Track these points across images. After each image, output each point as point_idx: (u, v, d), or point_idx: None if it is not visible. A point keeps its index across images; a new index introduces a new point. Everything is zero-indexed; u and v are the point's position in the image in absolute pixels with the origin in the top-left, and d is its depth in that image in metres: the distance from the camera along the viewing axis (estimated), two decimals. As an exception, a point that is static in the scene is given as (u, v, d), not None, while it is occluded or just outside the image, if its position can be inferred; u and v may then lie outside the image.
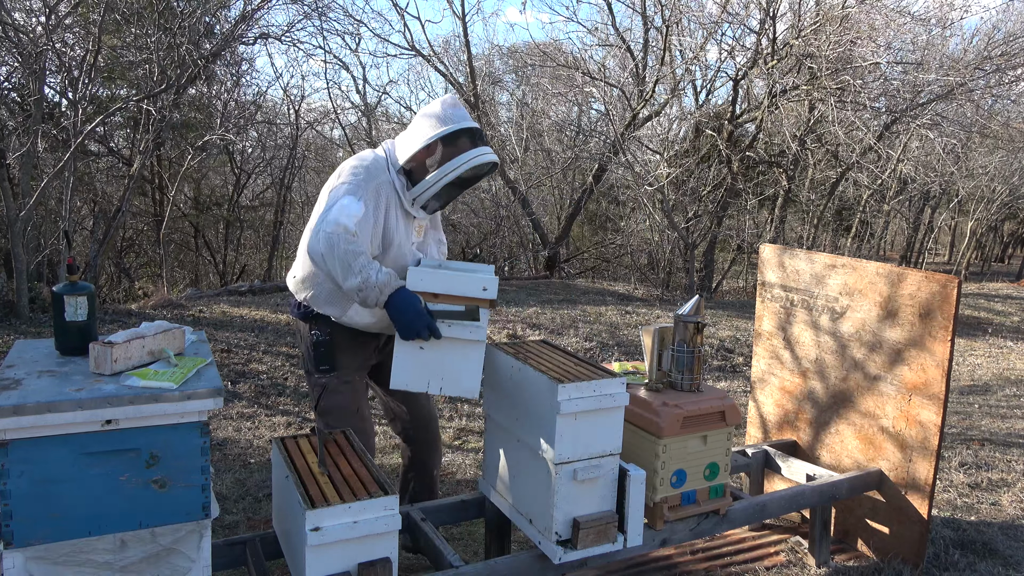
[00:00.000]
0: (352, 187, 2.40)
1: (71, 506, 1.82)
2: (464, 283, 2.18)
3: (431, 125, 2.46)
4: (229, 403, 4.95)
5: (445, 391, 2.26)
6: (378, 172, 2.47)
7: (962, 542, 3.39)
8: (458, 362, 2.23)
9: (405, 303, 2.23)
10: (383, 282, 2.24)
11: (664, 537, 2.62)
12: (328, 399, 2.67)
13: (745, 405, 5.10)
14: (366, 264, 2.25)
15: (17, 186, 7.78)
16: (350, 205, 2.32)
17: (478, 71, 12.64)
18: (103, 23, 7.79)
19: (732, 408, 2.65)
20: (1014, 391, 6.67)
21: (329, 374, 2.65)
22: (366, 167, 2.47)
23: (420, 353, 2.17)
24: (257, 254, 15.86)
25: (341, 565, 2.07)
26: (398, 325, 2.24)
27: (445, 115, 2.47)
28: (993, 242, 23.55)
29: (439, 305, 2.21)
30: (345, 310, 2.57)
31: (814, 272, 3.37)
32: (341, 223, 2.26)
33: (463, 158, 2.43)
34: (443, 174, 2.43)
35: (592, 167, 12.46)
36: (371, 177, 2.44)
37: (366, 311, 2.54)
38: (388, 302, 2.25)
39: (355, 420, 2.68)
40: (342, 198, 2.35)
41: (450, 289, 2.14)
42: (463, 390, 2.28)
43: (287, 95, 14.30)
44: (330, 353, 2.62)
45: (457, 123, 2.45)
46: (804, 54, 10.10)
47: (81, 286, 2.10)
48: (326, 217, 2.30)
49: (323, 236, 2.26)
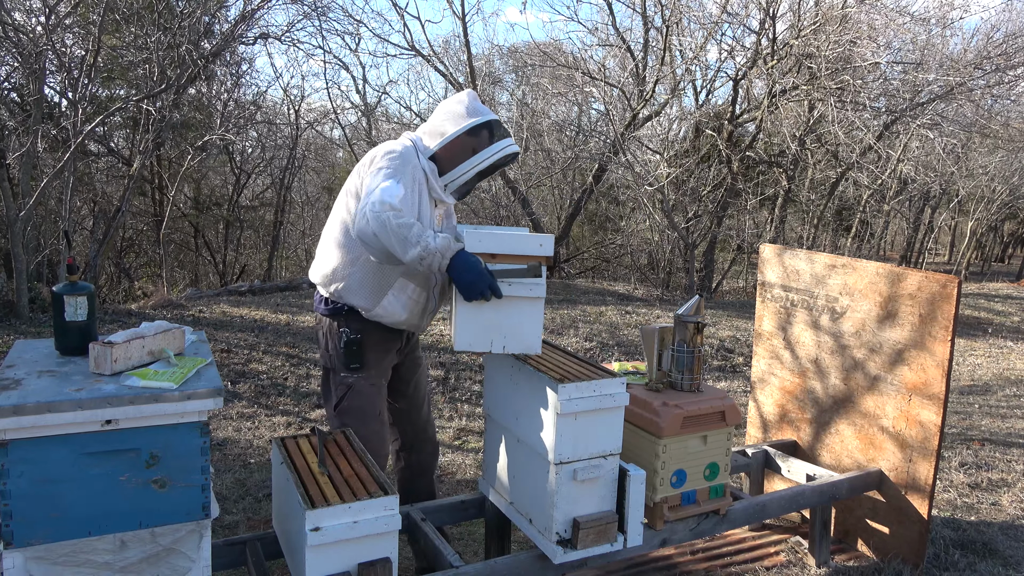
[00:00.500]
0: (391, 171, 2.44)
1: (71, 506, 1.82)
2: (521, 242, 2.21)
3: (461, 115, 2.57)
4: (229, 403, 4.95)
5: (508, 349, 2.27)
6: (411, 157, 2.53)
7: (962, 542, 3.39)
8: (520, 320, 2.25)
9: (467, 264, 2.24)
10: (443, 246, 2.25)
11: (664, 537, 2.62)
12: (352, 399, 2.64)
13: (745, 405, 5.10)
14: (421, 232, 2.26)
15: (17, 186, 7.78)
16: (392, 187, 2.36)
17: (478, 71, 12.64)
18: (103, 23, 7.79)
19: (732, 408, 2.65)
20: (1014, 391, 6.67)
21: (357, 373, 2.63)
22: (400, 153, 2.51)
23: (482, 314, 2.19)
24: (257, 254, 15.86)
25: (341, 565, 2.07)
26: (461, 286, 2.25)
27: (473, 108, 2.59)
28: (993, 242, 23.55)
29: (498, 265, 2.24)
30: (378, 301, 2.56)
31: (814, 272, 3.37)
32: (386, 202, 2.29)
33: (497, 147, 2.56)
34: (477, 161, 2.55)
35: (592, 167, 12.46)
36: (406, 162, 2.50)
37: (399, 305, 2.56)
38: (450, 265, 2.26)
39: (375, 423, 2.66)
40: (383, 182, 2.39)
41: (508, 248, 2.17)
42: (526, 347, 2.30)
43: (287, 95, 14.32)
44: (361, 352, 2.61)
45: (485, 115, 2.58)
46: (804, 54, 10.10)
47: (81, 286, 2.10)
48: (369, 199, 2.33)
49: (371, 216, 2.28)
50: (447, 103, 2.65)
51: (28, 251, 7.43)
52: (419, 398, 2.90)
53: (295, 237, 16.87)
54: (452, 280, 2.28)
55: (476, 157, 2.56)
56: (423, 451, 2.93)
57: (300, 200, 16.67)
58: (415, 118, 14.42)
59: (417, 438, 2.90)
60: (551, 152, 13.17)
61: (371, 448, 2.63)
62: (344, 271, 2.57)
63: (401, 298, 2.58)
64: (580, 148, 12.82)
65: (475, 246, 2.16)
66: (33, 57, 7.27)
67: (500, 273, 2.25)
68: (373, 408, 2.66)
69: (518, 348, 2.30)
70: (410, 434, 2.89)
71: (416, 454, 2.92)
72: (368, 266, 2.54)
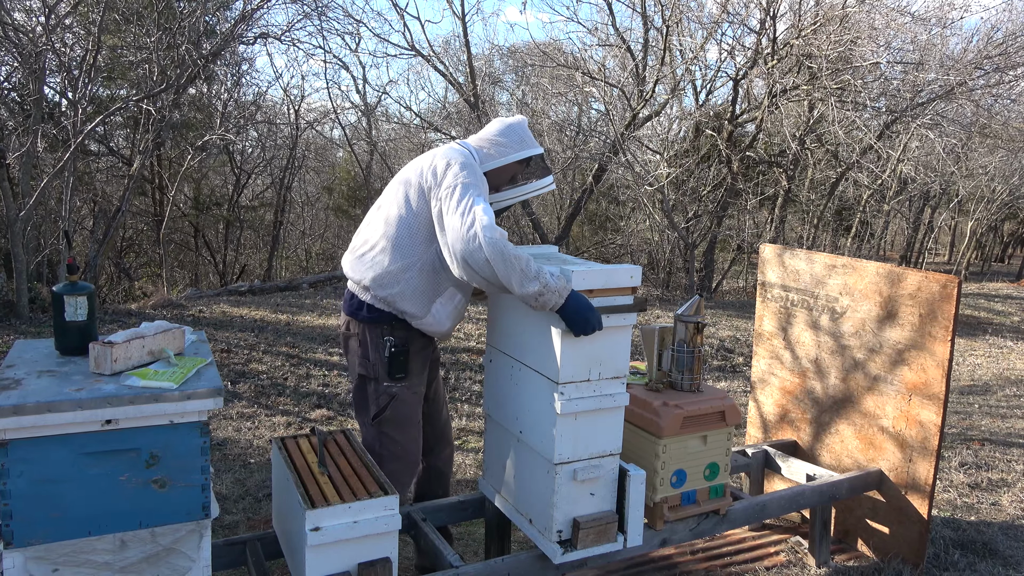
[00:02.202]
0: (477, 189, 2.36)
1: (71, 506, 1.82)
2: (616, 276, 2.30)
3: (518, 143, 2.60)
4: (229, 403, 4.95)
5: (603, 375, 2.34)
6: (481, 175, 2.46)
7: (962, 542, 3.39)
8: (613, 347, 2.33)
9: (580, 303, 2.24)
10: (561, 286, 2.22)
11: (664, 537, 2.62)
12: (396, 408, 2.57)
13: (745, 405, 5.10)
14: (539, 267, 2.23)
15: (17, 186, 7.78)
16: (488, 209, 2.30)
17: (478, 71, 12.63)
18: (103, 23, 7.79)
19: (732, 408, 2.65)
20: (1014, 391, 6.67)
21: (401, 383, 2.56)
22: (472, 166, 2.43)
23: (582, 347, 2.28)
24: (257, 254, 15.86)
25: (341, 565, 2.08)
26: (575, 323, 2.23)
27: (526, 137, 2.63)
28: (993, 242, 23.54)
29: (607, 299, 2.32)
30: (428, 309, 2.51)
31: (814, 272, 3.37)
32: (497, 228, 2.26)
33: (542, 183, 2.65)
34: (520, 193, 2.62)
35: (592, 167, 12.45)
36: (479, 178, 2.42)
37: (444, 314, 2.54)
38: (564, 304, 2.24)
39: (415, 431, 2.64)
40: (476, 199, 2.31)
41: (606, 283, 2.27)
42: (617, 371, 2.36)
43: (287, 95, 14.31)
44: (406, 361, 2.54)
45: (536, 148, 2.62)
46: (804, 54, 10.10)
47: (81, 286, 2.10)
48: (476, 222, 2.25)
49: (487, 242, 2.22)
50: (503, 123, 2.65)
51: (28, 251, 7.44)
52: (439, 401, 2.90)
53: (295, 237, 16.87)
54: (562, 317, 2.23)
55: (520, 188, 2.63)
56: (442, 455, 2.92)
57: (300, 200, 16.67)
58: (415, 118, 14.42)
59: (437, 442, 2.89)
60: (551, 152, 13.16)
61: (410, 456, 2.63)
62: (400, 275, 2.47)
63: (448, 307, 2.55)
64: (580, 148, 12.81)
65: (581, 283, 2.21)
66: (33, 57, 7.27)
67: (608, 308, 2.30)
68: (415, 416, 2.64)
69: (611, 373, 2.35)
70: (431, 438, 2.85)
71: (435, 458, 2.91)
72: (424, 273, 2.47)
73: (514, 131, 2.63)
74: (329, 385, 5.44)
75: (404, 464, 2.65)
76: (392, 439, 2.60)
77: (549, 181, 2.67)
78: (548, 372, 2.32)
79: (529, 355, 2.40)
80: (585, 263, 2.46)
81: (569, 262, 2.47)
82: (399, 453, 2.62)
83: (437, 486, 2.93)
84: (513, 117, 2.69)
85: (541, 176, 2.66)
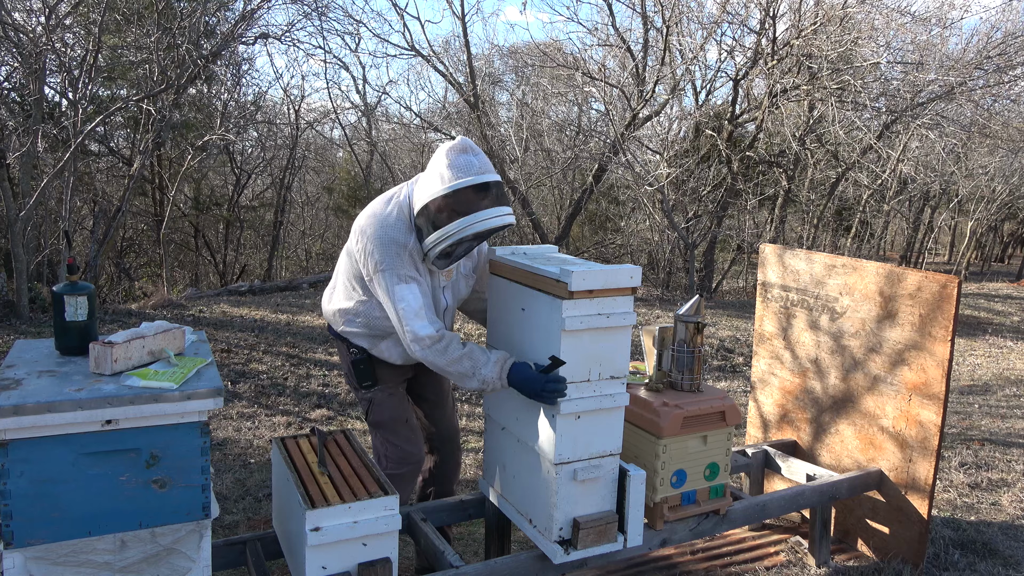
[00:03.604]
0: (394, 273, 2.36)
1: (71, 506, 1.82)
2: (615, 276, 2.30)
3: (439, 176, 2.29)
4: (229, 403, 4.95)
5: (603, 375, 2.35)
6: (399, 234, 2.38)
7: (962, 542, 3.39)
8: (612, 348, 2.34)
9: (523, 380, 2.30)
10: (496, 374, 2.33)
11: (664, 537, 2.62)
12: (377, 412, 2.69)
13: (745, 405, 5.10)
14: (473, 365, 2.34)
15: (17, 186, 7.79)
16: (409, 299, 2.35)
17: (478, 71, 12.63)
18: (103, 23, 7.79)
19: (732, 408, 2.65)
20: (1014, 391, 6.66)
21: (372, 388, 2.68)
22: (392, 239, 2.36)
23: (583, 346, 2.29)
24: (257, 254, 15.86)
25: (341, 565, 2.08)
26: (530, 395, 2.30)
27: (453, 165, 2.28)
28: (993, 242, 23.52)
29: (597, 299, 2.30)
30: (377, 345, 2.63)
31: (814, 272, 3.37)
32: (422, 335, 2.33)
33: (465, 221, 2.27)
34: (446, 235, 2.29)
35: (592, 167, 12.45)
36: (399, 247, 2.37)
37: (396, 352, 2.62)
38: (510, 383, 2.33)
39: (404, 428, 2.70)
40: (396, 289, 2.36)
41: (607, 284, 2.27)
42: (617, 371, 2.37)
43: (287, 95, 14.32)
44: (369, 370, 2.66)
45: (464, 177, 2.27)
46: (804, 54, 10.10)
47: (81, 286, 2.10)
48: (406, 335, 2.36)
49: (420, 355, 2.37)
50: (439, 150, 2.37)
51: (28, 251, 7.44)
52: (443, 404, 2.91)
53: (295, 237, 16.87)
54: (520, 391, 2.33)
55: (446, 229, 2.28)
56: (449, 460, 2.93)
57: (300, 200, 16.67)
58: (415, 118, 14.42)
59: (443, 445, 2.92)
60: (551, 152, 13.16)
61: (405, 451, 2.68)
62: (346, 315, 2.62)
63: (398, 348, 2.61)
64: (580, 148, 12.80)
65: (580, 285, 2.22)
66: (33, 57, 7.27)
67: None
68: (399, 415, 2.70)
69: (611, 373, 2.36)
70: (436, 439, 2.91)
71: (441, 459, 2.92)
72: (371, 319, 2.57)
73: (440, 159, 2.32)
74: (329, 385, 5.44)
75: (406, 464, 2.68)
76: (388, 441, 2.69)
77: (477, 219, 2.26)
78: None
79: (529, 355, 2.40)
80: (585, 263, 2.46)
81: (569, 262, 2.47)
82: (398, 455, 2.67)
83: (442, 489, 2.93)
84: (451, 142, 2.36)
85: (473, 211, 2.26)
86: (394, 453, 2.67)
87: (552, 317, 2.26)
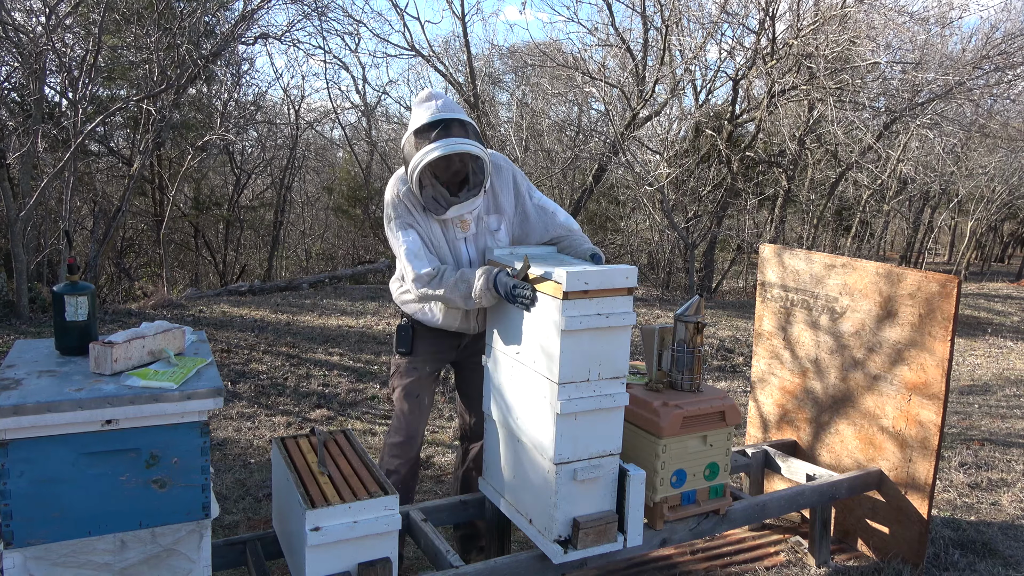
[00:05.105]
0: (396, 221, 2.62)
1: (71, 506, 1.82)
2: (611, 277, 2.32)
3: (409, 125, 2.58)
4: (229, 403, 4.95)
5: (603, 375, 2.36)
6: (398, 189, 2.62)
7: (962, 542, 3.39)
8: (612, 348, 2.35)
9: (500, 283, 2.41)
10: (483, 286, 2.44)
11: (664, 537, 2.62)
12: (397, 378, 2.84)
13: (745, 405, 5.10)
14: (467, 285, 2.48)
15: (17, 186, 7.79)
16: (408, 243, 2.58)
17: (478, 71, 12.63)
18: (103, 23, 7.79)
19: (732, 408, 2.65)
20: (1014, 391, 6.67)
21: (404, 356, 2.82)
22: (394, 194, 2.62)
23: (582, 346, 2.30)
24: (257, 254, 15.85)
25: (341, 565, 2.08)
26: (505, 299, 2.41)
27: (414, 112, 2.56)
28: (993, 242, 23.52)
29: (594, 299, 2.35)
30: (419, 307, 2.78)
31: (814, 272, 3.37)
32: (421, 272, 2.54)
33: (416, 159, 2.48)
34: (410, 170, 2.52)
35: (592, 167, 12.45)
36: (398, 201, 2.62)
37: (439, 313, 2.74)
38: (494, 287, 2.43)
39: (413, 403, 2.81)
40: (399, 234, 2.60)
41: (602, 284, 2.30)
42: (616, 371, 2.38)
43: (287, 95, 14.30)
44: (409, 338, 2.81)
45: (417, 121, 2.51)
46: (803, 54, 10.10)
47: (81, 286, 2.10)
48: (406, 268, 2.58)
49: (421, 290, 2.57)
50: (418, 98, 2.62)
51: (28, 251, 7.44)
52: (471, 396, 2.97)
53: (295, 237, 16.86)
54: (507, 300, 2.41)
55: (412, 160, 2.48)
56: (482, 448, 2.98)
57: (300, 200, 16.66)
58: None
59: (477, 435, 2.99)
60: (551, 152, 13.16)
61: (402, 425, 2.79)
62: (400, 285, 2.81)
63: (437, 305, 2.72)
64: (580, 148, 12.80)
65: (576, 285, 2.24)
66: (33, 57, 7.27)
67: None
68: (413, 390, 2.81)
69: (610, 373, 2.37)
70: (470, 429, 3.03)
71: (477, 448, 2.99)
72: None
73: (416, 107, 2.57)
74: (329, 385, 5.44)
75: (400, 436, 2.78)
76: (396, 411, 2.82)
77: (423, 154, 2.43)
78: (548, 372, 2.32)
79: (529, 355, 2.40)
80: (581, 263, 2.46)
81: (566, 262, 2.48)
82: (396, 424, 2.80)
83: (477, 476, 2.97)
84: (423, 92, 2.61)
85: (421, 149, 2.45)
86: (395, 422, 2.81)
87: (551, 317, 2.26)
